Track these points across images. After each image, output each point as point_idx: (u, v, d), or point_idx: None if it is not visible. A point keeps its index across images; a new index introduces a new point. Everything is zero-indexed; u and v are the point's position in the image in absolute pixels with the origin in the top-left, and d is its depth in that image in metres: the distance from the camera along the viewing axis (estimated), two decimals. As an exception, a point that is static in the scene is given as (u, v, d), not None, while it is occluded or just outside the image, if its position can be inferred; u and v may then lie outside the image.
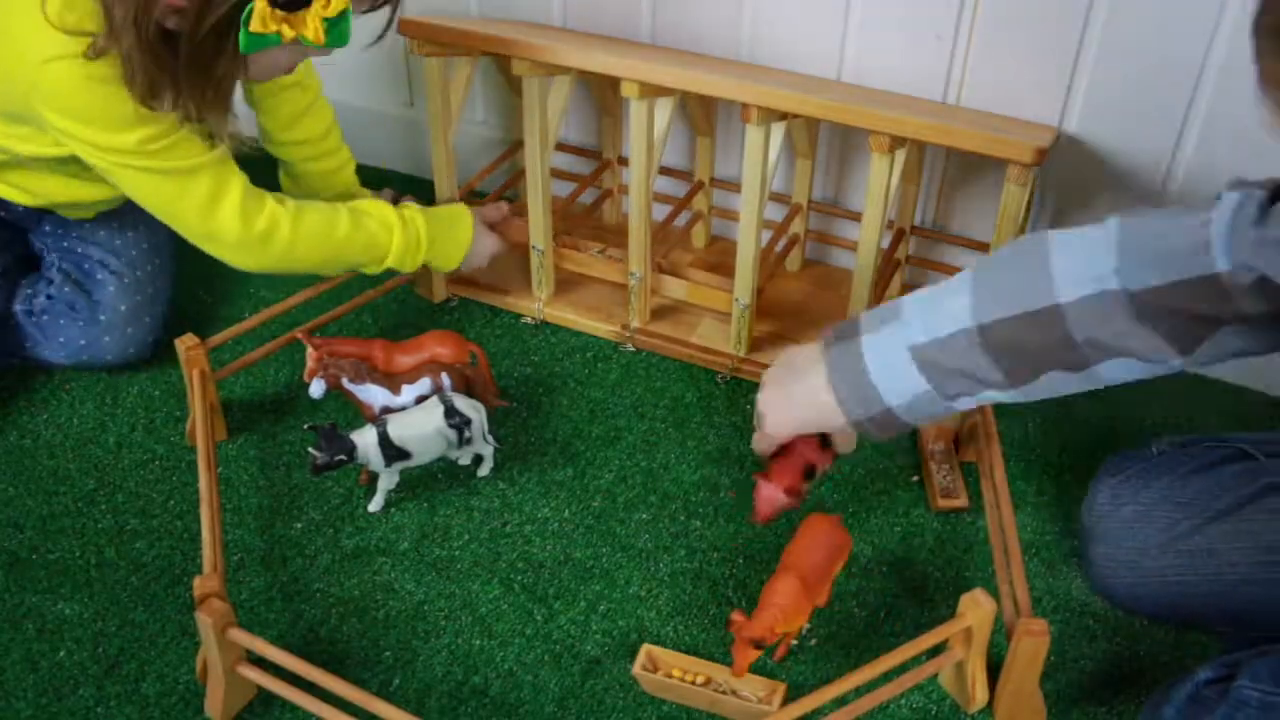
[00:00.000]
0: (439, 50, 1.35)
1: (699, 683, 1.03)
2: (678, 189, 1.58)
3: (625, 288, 1.44)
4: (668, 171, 1.57)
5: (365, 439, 1.16)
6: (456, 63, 1.40)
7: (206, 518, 1.09)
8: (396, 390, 1.25)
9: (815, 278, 1.55)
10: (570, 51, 1.28)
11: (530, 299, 1.49)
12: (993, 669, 1.02)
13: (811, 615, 1.07)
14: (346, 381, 1.24)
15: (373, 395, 1.24)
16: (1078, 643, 1.10)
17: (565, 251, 1.47)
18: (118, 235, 1.38)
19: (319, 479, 1.25)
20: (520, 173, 1.57)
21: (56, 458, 1.28)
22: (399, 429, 1.16)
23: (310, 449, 1.16)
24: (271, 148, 1.44)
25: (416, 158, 1.74)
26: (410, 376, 1.25)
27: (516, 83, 1.38)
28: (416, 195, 1.67)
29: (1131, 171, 1.32)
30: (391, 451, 1.16)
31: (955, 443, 1.27)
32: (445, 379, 1.25)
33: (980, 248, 1.43)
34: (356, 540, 1.19)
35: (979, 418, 1.22)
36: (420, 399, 1.24)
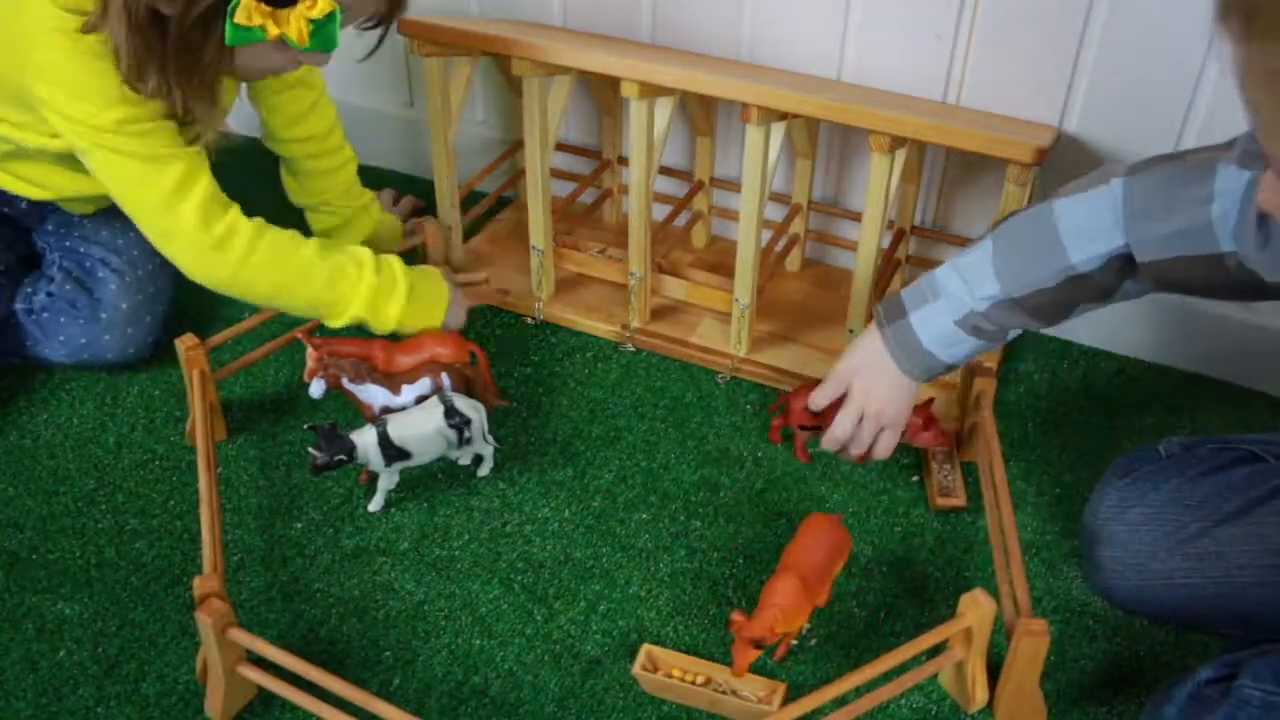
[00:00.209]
0: (439, 50, 1.35)
1: (699, 683, 1.03)
2: (678, 189, 1.58)
3: (625, 288, 1.44)
4: (668, 171, 1.57)
5: (365, 439, 1.16)
6: (456, 63, 1.40)
7: (206, 518, 1.09)
8: (396, 390, 1.25)
9: (815, 278, 1.55)
10: (570, 51, 1.28)
11: (530, 299, 1.49)
12: (993, 669, 1.02)
13: (811, 615, 1.07)
14: (346, 381, 1.24)
15: (373, 395, 1.24)
16: (1078, 643, 1.10)
17: (565, 251, 1.47)
18: (120, 234, 1.38)
19: (319, 479, 1.25)
20: (520, 173, 1.58)
21: (56, 458, 1.28)
22: (399, 429, 1.16)
23: (310, 449, 1.16)
24: (274, 145, 1.45)
25: (416, 158, 1.74)
26: (410, 376, 1.25)
27: (516, 83, 1.38)
28: (416, 195, 1.68)
29: (1131, 171, 1.32)
30: (391, 451, 1.16)
31: (955, 443, 1.27)
32: (445, 379, 1.25)
33: (980, 248, 1.43)
34: (356, 540, 1.19)
35: (979, 418, 1.22)
36: (420, 399, 1.24)
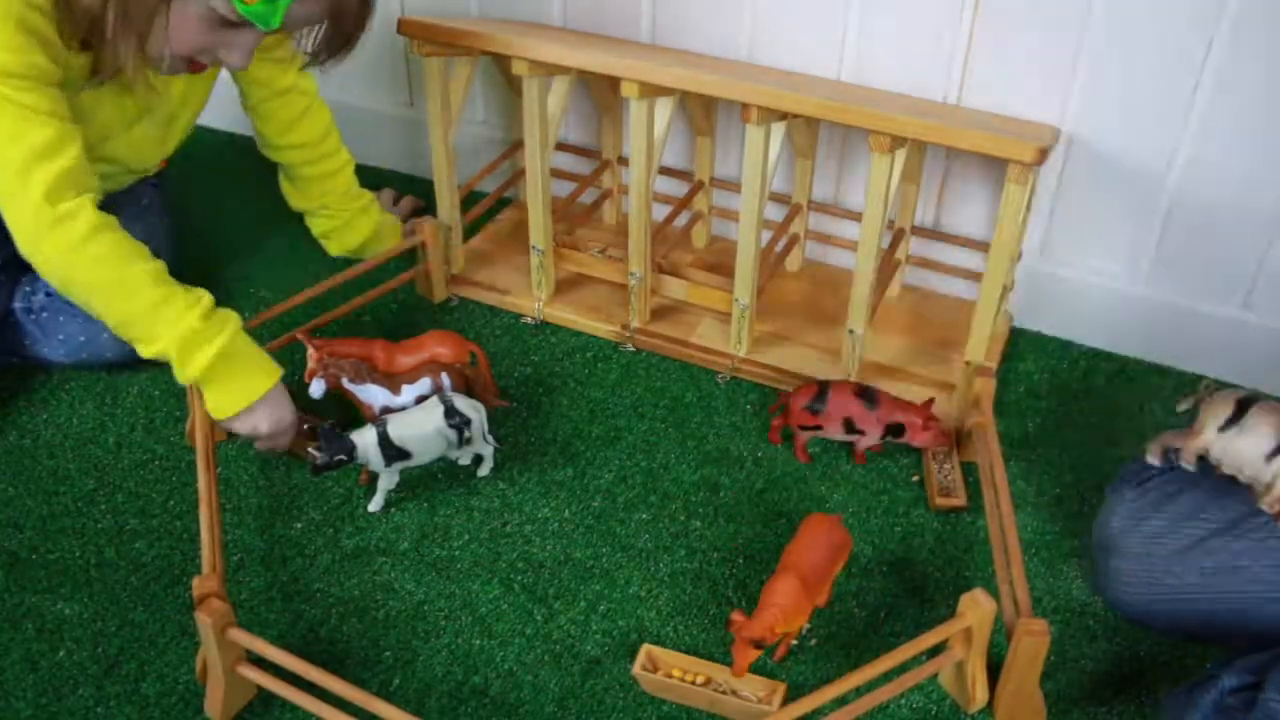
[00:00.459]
0: (439, 50, 1.35)
1: (699, 683, 1.03)
2: (678, 189, 1.58)
3: (625, 288, 1.44)
4: (668, 171, 1.57)
5: (365, 439, 1.16)
6: (456, 63, 1.40)
7: (206, 518, 1.09)
8: (396, 390, 1.25)
9: (815, 278, 1.55)
10: (570, 51, 1.28)
11: (530, 299, 1.49)
12: (993, 669, 1.02)
13: (811, 615, 1.07)
14: (346, 381, 1.24)
15: (373, 395, 1.24)
16: (1078, 643, 1.10)
17: (566, 251, 1.47)
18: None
19: (319, 479, 1.25)
20: (520, 173, 1.58)
21: (56, 458, 1.28)
22: (399, 429, 1.16)
23: (310, 449, 1.16)
24: (270, 153, 1.44)
25: (416, 158, 1.74)
26: (410, 376, 1.25)
27: (516, 83, 1.38)
28: (416, 195, 1.68)
29: (1132, 171, 1.32)
30: (391, 451, 1.16)
31: (955, 443, 1.27)
32: (445, 379, 1.25)
33: (980, 248, 1.43)
34: (356, 540, 1.19)
35: (979, 418, 1.22)
36: (420, 399, 1.24)
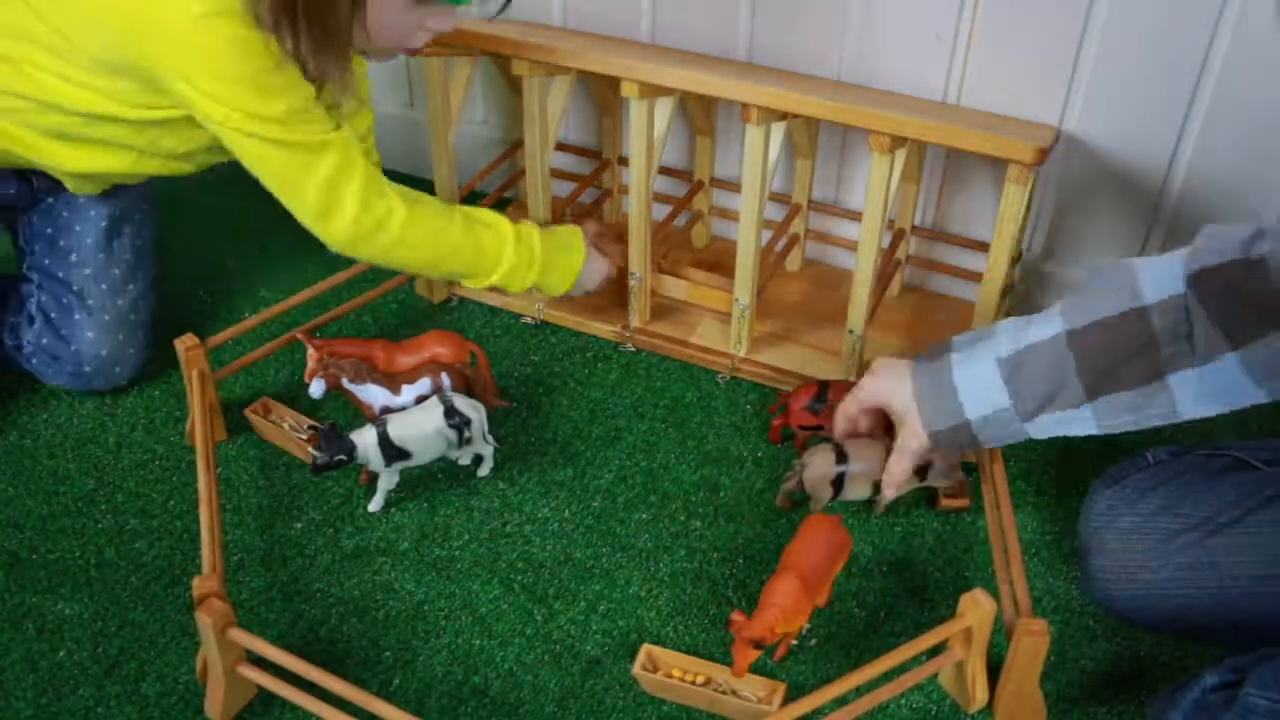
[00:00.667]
0: (439, 50, 1.35)
1: (699, 683, 1.03)
2: (678, 189, 1.58)
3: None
4: (668, 171, 1.57)
5: (365, 439, 1.16)
6: (456, 63, 1.40)
7: (206, 518, 1.09)
8: (396, 390, 1.25)
9: (815, 278, 1.55)
10: (570, 51, 1.28)
11: (530, 299, 1.49)
12: (993, 669, 1.02)
13: (811, 615, 1.07)
14: (346, 381, 1.24)
15: (373, 395, 1.24)
16: (1078, 643, 1.10)
17: (662, 276, 1.44)
18: (101, 248, 1.33)
19: (319, 479, 1.25)
20: (520, 173, 1.58)
21: (56, 458, 1.28)
22: (399, 429, 1.16)
23: (310, 449, 1.16)
24: None
25: (416, 158, 1.74)
26: (410, 376, 1.25)
27: (516, 83, 1.38)
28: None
29: (1131, 171, 1.32)
30: (391, 451, 1.16)
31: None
32: (445, 379, 1.25)
33: (980, 248, 1.43)
34: (356, 540, 1.19)
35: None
36: (420, 399, 1.24)
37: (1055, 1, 1.24)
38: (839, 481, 1.15)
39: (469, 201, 1.56)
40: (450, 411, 1.18)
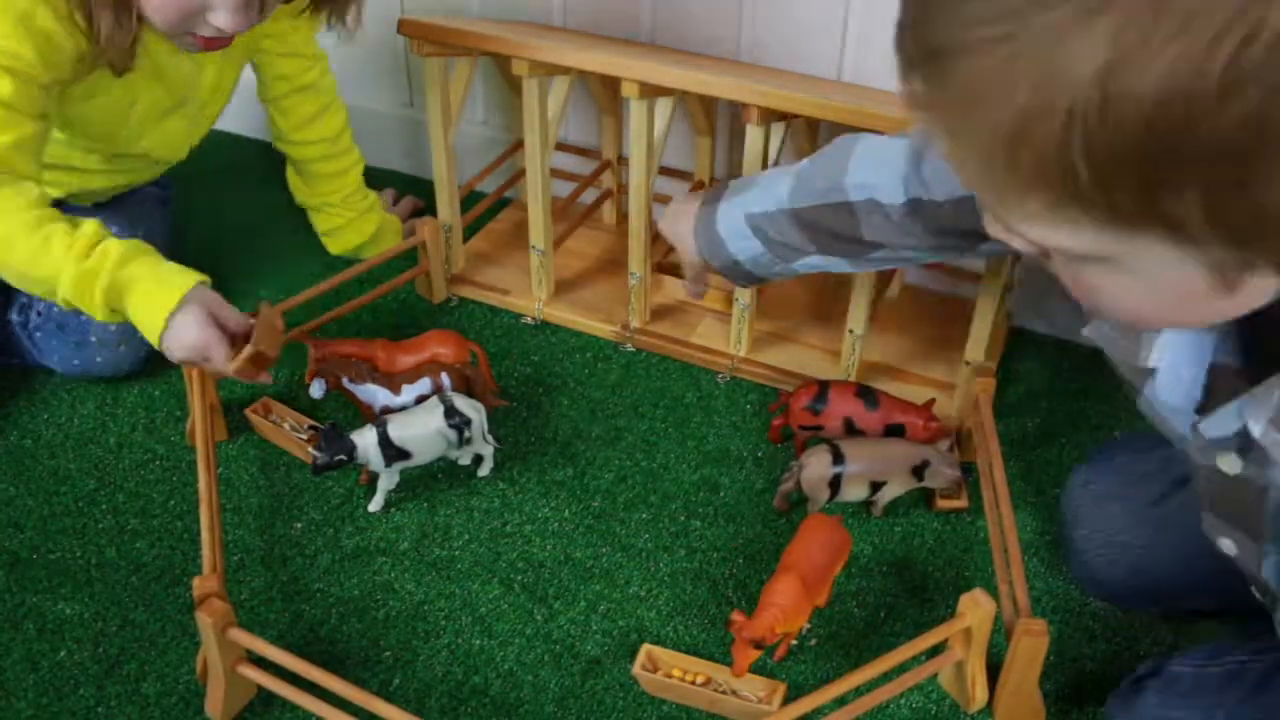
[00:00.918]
0: (439, 50, 1.35)
1: (699, 683, 1.03)
2: (678, 189, 1.58)
3: (625, 287, 1.44)
4: (668, 171, 1.57)
5: (365, 439, 1.16)
6: (456, 63, 1.40)
7: (206, 518, 1.09)
8: (396, 390, 1.25)
9: (815, 278, 1.54)
10: (570, 51, 1.28)
11: (530, 299, 1.49)
12: (993, 669, 1.02)
13: (811, 615, 1.07)
14: (347, 381, 1.24)
15: (373, 395, 1.24)
16: (1077, 643, 1.10)
17: (661, 277, 1.45)
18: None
19: (319, 479, 1.25)
20: (520, 173, 1.58)
21: (57, 457, 1.28)
22: (399, 429, 1.17)
23: (310, 449, 1.16)
24: (283, 146, 1.44)
25: (416, 158, 1.74)
26: (410, 376, 1.25)
27: (516, 83, 1.38)
28: (417, 195, 1.68)
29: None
30: (391, 451, 1.16)
31: (955, 442, 1.27)
32: (445, 379, 1.25)
33: (980, 248, 1.43)
34: (356, 540, 1.19)
35: (979, 418, 1.22)
36: (420, 399, 1.24)
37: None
38: (836, 482, 1.16)
39: (469, 202, 1.56)
40: (450, 411, 1.18)
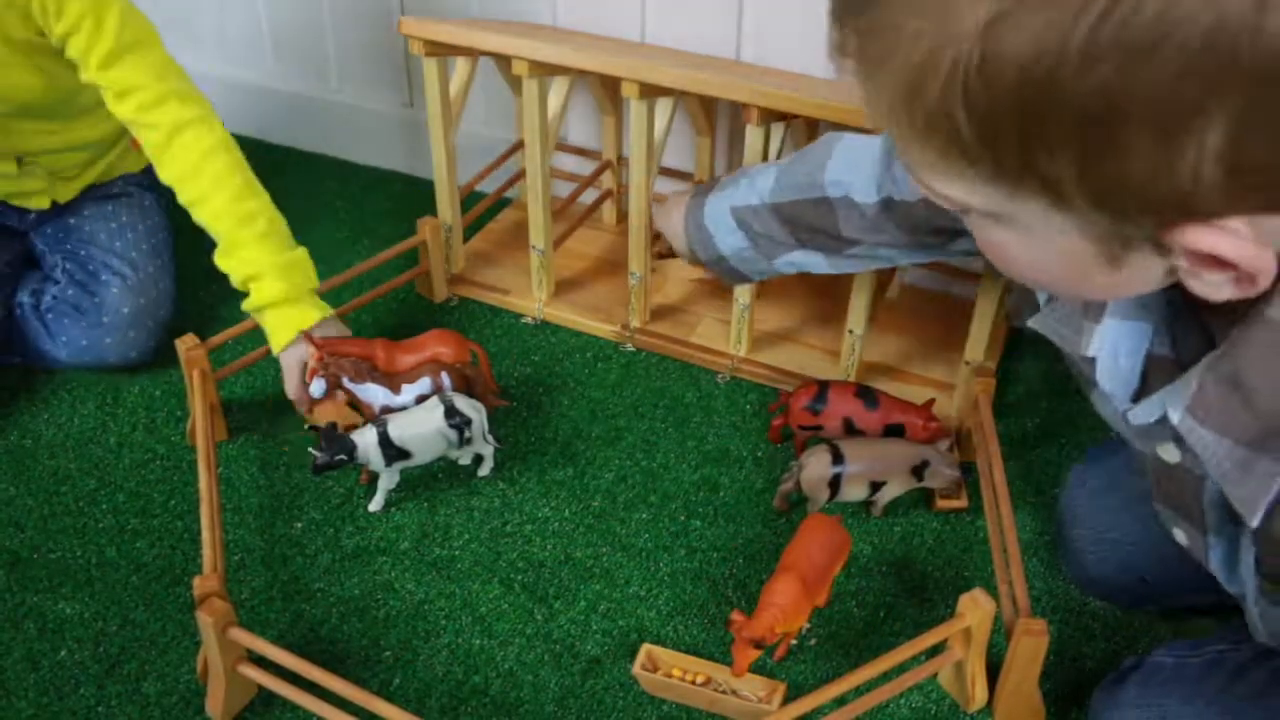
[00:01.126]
0: (439, 50, 1.35)
1: (699, 683, 1.03)
2: (677, 189, 1.58)
3: (625, 287, 1.44)
4: (668, 171, 1.57)
5: (365, 439, 1.16)
6: (456, 63, 1.40)
7: (207, 517, 1.09)
8: (396, 390, 1.25)
9: (815, 278, 1.54)
10: (570, 51, 1.28)
11: (530, 299, 1.49)
12: (992, 669, 1.02)
13: (811, 615, 1.07)
14: (347, 381, 1.24)
15: (373, 395, 1.24)
16: (1077, 643, 1.10)
17: (661, 264, 1.45)
18: (118, 237, 1.39)
19: (319, 479, 1.25)
20: (520, 173, 1.58)
21: (57, 457, 1.28)
22: (399, 429, 1.17)
23: (310, 449, 1.16)
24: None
25: (416, 158, 1.74)
26: (410, 376, 1.25)
27: (516, 83, 1.38)
28: (417, 195, 1.68)
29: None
30: (391, 451, 1.16)
31: (955, 442, 1.27)
32: (445, 379, 1.25)
33: (980, 248, 1.43)
34: (357, 540, 1.19)
35: (979, 418, 1.22)
36: (420, 399, 1.24)
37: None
38: (836, 482, 1.16)
39: (469, 202, 1.56)
40: (450, 411, 1.18)
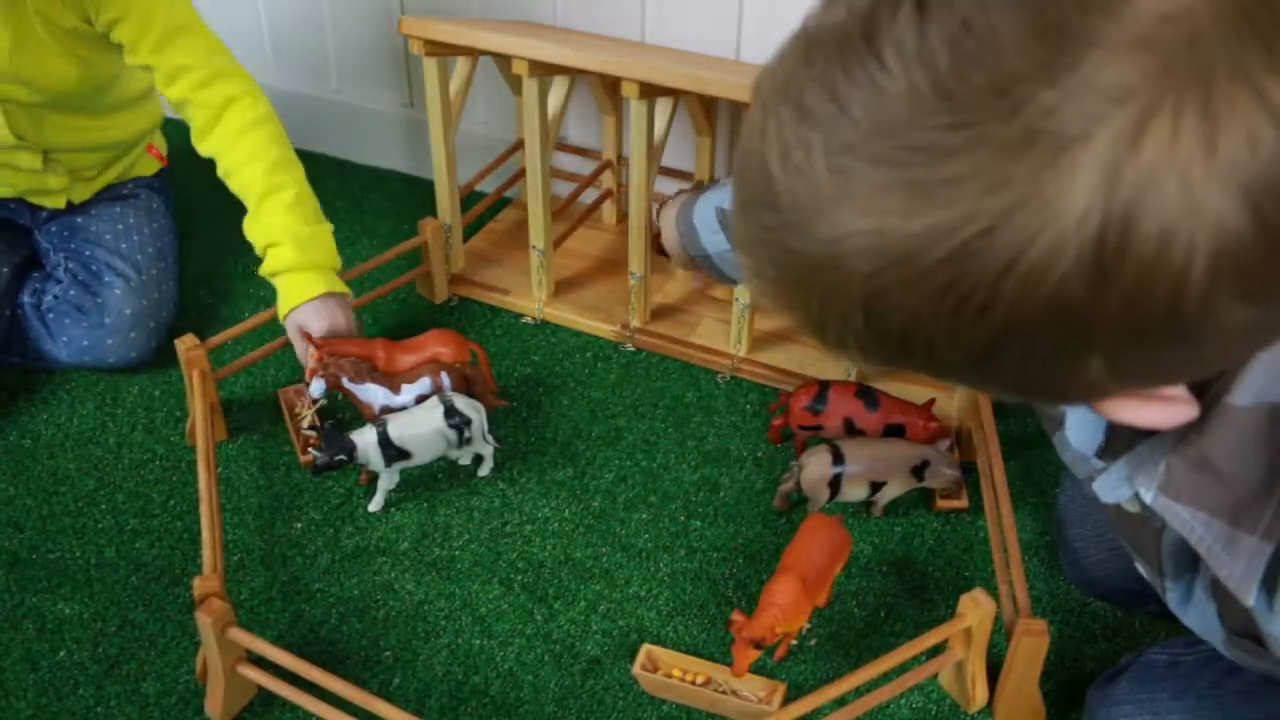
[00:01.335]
0: (439, 50, 1.35)
1: (699, 683, 1.03)
2: (678, 189, 1.58)
3: (625, 287, 1.43)
4: (668, 171, 1.57)
5: (365, 439, 1.16)
6: (456, 63, 1.40)
7: (206, 518, 1.09)
8: (396, 390, 1.25)
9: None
10: (570, 51, 1.28)
11: (530, 299, 1.49)
12: (993, 669, 1.02)
13: (811, 615, 1.07)
14: (346, 381, 1.24)
15: (373, 395, 1.24)
16: (1078, 643, 1.10)
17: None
18: (124, 238, 1.39)
19: (319, 479, 1.25)
20: (520, 173, 1.58)
21: (56, 458, 1.28)
22: (399, 429, 1.17)
23: (311, 449, 1.16)
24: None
25: (416, 158, 1.74)
26: (410, 376, 1.25)
27: (516, 83, 1.38)
28: (417, 195, 1.68)
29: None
30: (391, 451, 1.16)
31: (955, 442, 1.27)
32: (445, 379, 1.25)
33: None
34: (356, 540, 1.19)
35: (979, 418, 1.22)
36: (420, 399, 1.24)
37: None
38: (836, 482, 1.16)
39: (469, 202, 1.56)
40: (450, 411, 1.18)
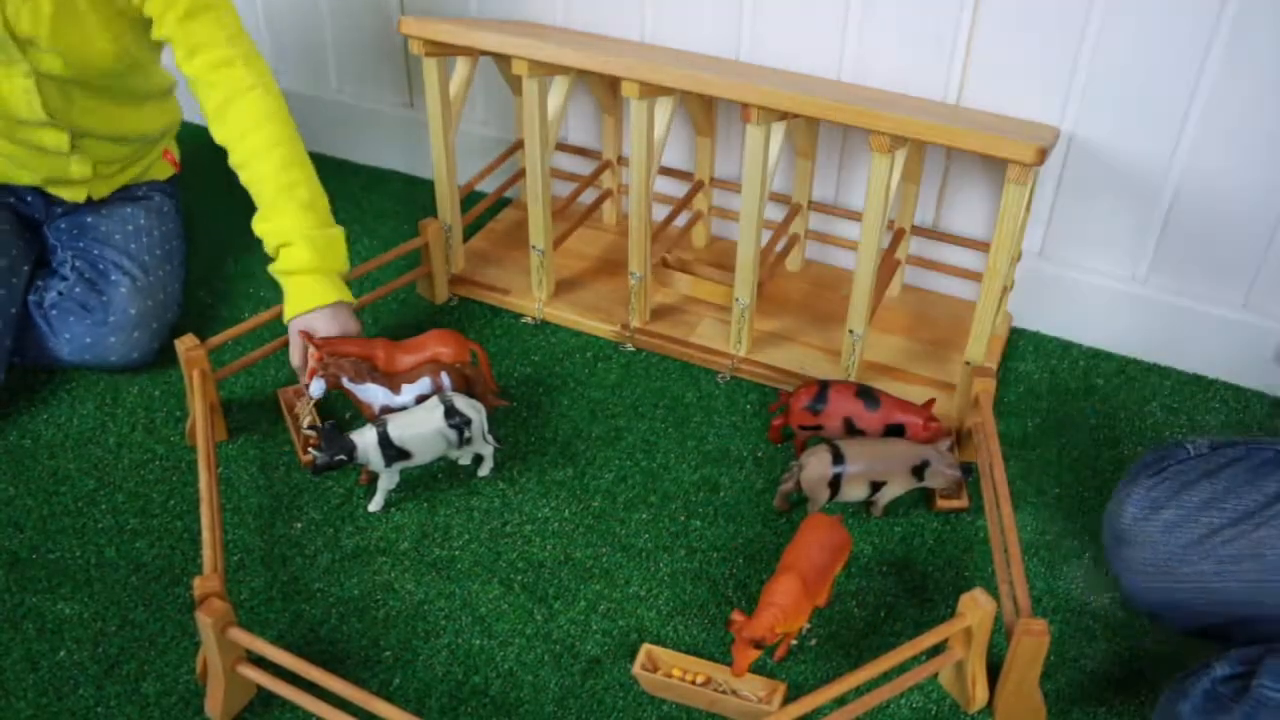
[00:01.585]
0: (439, 50, 1.35)
1: (699, 683, 1.03)
2: (678, 189, 1.58)
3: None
4: (668, 171, 1.57)
5: (365, 439, 1.16)
6: (456, 63, 1.40)
7: (206, 518, 1.09)
8: (396, 390, 1.25)
9: (815, 278, 1.55)
10: (570, 51, 1.28)
11: (530, 299, 1.49)
12: (993, 669, 1.02)
13: (811, 615, 1.07)
14: (347, 381, 1.24)
15: (373, 395, 1.24)
16: (1078, 643, 1.10)
17: (664, 272, 1.43)
18: (133, 239, 1.39)
19: (319, 479, 1.25)
20: (520, 173, 1.58)
21: (57, 458, 1.28)
22: (399, 429, 1.16)
23: (311, 449, 1.16)
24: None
25: (416, 158, 1.74)
26: (410, 376, 1.25)
27: (516, 83, 1.38)
28: (417, 195, 1.68)
29: (1132, 172, 1.32)
30: (391, 451, 1.16)
31: (955, 442, 1.27)
32: (445, 379, 1.25)
33: (980, 247, 1.43)
34: (356, 540, 1.19)
35: (979, 418, 1.22)
36: (420, 399, 1.24)
37: (1055, 2, 1.24)
38: (836, 482, 1.16)
39: (469, 202, 1.56)
40: (450, 411, 1.18)
